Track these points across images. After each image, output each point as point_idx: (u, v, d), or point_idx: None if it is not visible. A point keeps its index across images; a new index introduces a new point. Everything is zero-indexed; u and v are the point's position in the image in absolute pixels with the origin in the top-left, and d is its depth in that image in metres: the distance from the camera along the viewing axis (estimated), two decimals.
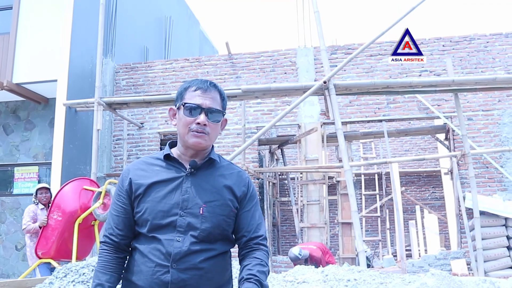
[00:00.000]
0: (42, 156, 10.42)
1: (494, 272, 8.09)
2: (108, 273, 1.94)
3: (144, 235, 1.91)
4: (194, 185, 1.94)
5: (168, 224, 1.87)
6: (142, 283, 1.87)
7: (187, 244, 1.85)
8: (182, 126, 1.96)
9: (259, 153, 12.22)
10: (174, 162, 2.00)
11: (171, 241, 1.85)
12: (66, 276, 5.44)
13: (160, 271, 1.84)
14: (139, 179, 1.96)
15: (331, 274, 5.44)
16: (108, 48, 11.03)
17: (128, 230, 1.97)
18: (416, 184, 15.60)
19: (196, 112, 1.93)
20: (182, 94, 1.99)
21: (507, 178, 9.08)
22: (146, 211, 1.90)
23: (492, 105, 9.46)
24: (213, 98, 1.96)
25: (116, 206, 2.00)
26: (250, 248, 1.98)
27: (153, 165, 2.01)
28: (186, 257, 1.84)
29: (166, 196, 1.91)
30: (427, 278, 4.86)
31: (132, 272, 1.92)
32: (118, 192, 2.01)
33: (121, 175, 2.04)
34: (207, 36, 19.80)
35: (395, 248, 13.17)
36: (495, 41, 9.70)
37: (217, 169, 2.02)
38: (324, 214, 9.82)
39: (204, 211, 1.90)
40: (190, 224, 1.87)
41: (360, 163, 11.39)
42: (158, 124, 10.63)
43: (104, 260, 1.96)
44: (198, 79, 2.01)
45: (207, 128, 1.93)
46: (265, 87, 8.39)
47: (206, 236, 1.89)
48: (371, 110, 9.90)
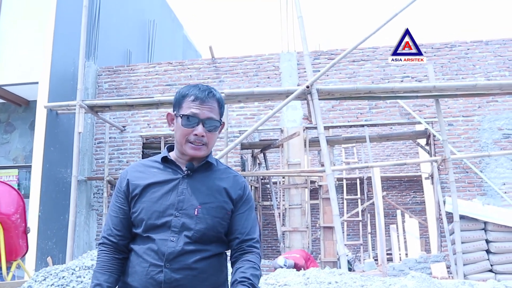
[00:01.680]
0: (22, 159, 10.30)
1: (473, 275, 8.19)
2: (107, 273, 1.94)
3: (140, 235, 1.93)
4: (190, 187, 1.96)
5: (163, 224, 1.89)
6: (136, 283, 1.89)
7: (181, 244, 1.86)
8: (180, 136, 1.97)
9: (242, 157, 12.22)
10: (171, 164, 2.02)
11: (165, 241, 1.87)
12: (45, 280, 5.38)
13: (154, 270, 1.85)
14: (136, 180, 1.98)
15: (313, 277, 5.46)
16: (90, 50, 10.94)
17: (126, 231, 1.98)
18: (397, 189, 15.73)
19: (193, 122, 1.94)
20: (180, 102, 1.99)
21: (487, 183, 9.19)
22: (142, 211, 1.92)
23: (472, 111, 9.58)
24: (211, 108, 1.97)
25: (114, 207, 2.01)
26: (243, 251, 1.99)
27: (151, 167, 2.04)
28: (180, 257, 1.86)
29: (162, 197, 1.93)
30: (407, 281, 4.90)
31: (128, 273, 1.94)
32: (117, 193, 2.02)
33: (120, 176, 2.06)
34: (190, 40, 19.77)
35: (376, 252, 13.26)
36: (475, 48, 9.84)
37: (213, 172, 2.04)
38: (306, 218, 9.85)
39: (199, 212, 1.91)
40: (185, 224, 1.89)
41: (342, 168, 11.45)
42: (140, 127, 10.57)
43: (103, 260, 1.96)
44: (196, 87, 2.00)
45: (205, 139, 1.95)
46: (248, 91, 8.40)
47: (200, 237, 1.90)
48: (353, 115, 9.97)
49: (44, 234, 9.18)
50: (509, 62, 9.67)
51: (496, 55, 9.74)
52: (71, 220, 8.14)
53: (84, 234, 10.14)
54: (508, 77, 9.54)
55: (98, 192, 10.46)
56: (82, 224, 10.15)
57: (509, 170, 9.24)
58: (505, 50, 9.74)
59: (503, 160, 9.29)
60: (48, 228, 9.27)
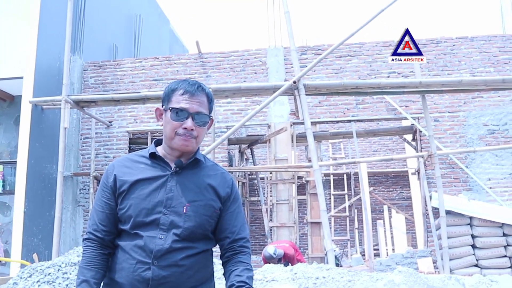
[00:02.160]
0: (7, 154, 10.19)
1: (459, 270, 8.26)
2: (93, 269, 1.91)
3: (127, 232, 1.91)
4: (179, 184, 1.94)
5: (151, 221, 1.88)
6: (123, 280, 1.88)
7: (169, 242, 1.86)
8: (169, 130, 1.94)
9: (229, 153, 12.20)
10: (159, 161, 2.00)
11: (153, 238, 1.86)
12: (31, 277, 5.34)
13: (141, 268, 1.84)
14: (123, 176, 1.96)
15: (300, 272, 5.47)
16: (76, 45, 10.84)
17: (112, 226, 1.96)
18: (384, 184, 15.81)
19: (183, 116, 1.92)
20: (170, 96, 1.96)
21: (472, 179, 9.28)
22: (130, 208, 1.90)
23: (458, 106, 9.65)
24: (200, 102, 1.95)
25: (100, 202, 1.98)
26: (234, 251, 2.00)
27: (138, 162, 2.01)
28: (167, 254, 1.85)
29: (150, 194, 1.91)
30: (394, 276, 4.93)
31: (114, 270, 1.93)
32: (103, 188, 1.99)
33: (106, 171, 2.03)
34: (177, 35, 19.68)
35: (363, 247, 13.33)
36: (461, 44, 9.90)
37: (201, 169, 2.03)
38: (294, 214, 9.87)
39: (187, 210, 1.91)
40: (173, 222, 1.88)
41: (329, 163, 11.49)
42: (127, 122, 10.50)
43: (89, 256, 1.93)
44: (186, 81, 1.98)
45: (194, 133, 1.93)
46: (235, 86, 8.39)
47: (188, 234, 1.89)
48: (340, 110, 9.99)
49: (30, 230, 9.10)
50: (494, 58, 9.75)
51: (481, 51, 9.82)
52: (57, 216, 8.08)
53: (71, 231, 10.06)
54: (493, 73, 9.63)
55: (84, 188, 10.39)
56: (68, 220, 10.07)
57: (494, 165, 9.32)
58: (490, 46, 9.82)
59: (488, 156, 9.37)
60: (33, 224, 9.19)
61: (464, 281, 5.35)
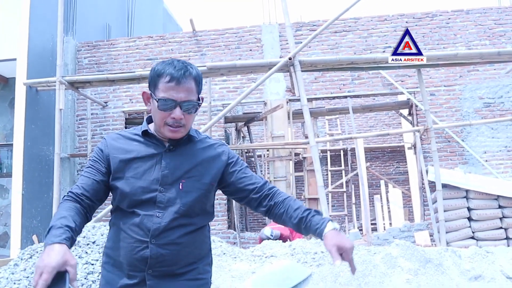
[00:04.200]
0: (3, 137, 10.17)
1: (456, 243, 8.34)
2: (72, 211, 1.80)
3: (124, 211, 1.91)
4: (173, 161, 1.93)
5: (148, 200, 1.87)
6: (122, 259, 1.88)
7: (167, 220, 1.86)
8: (158, 119, 1.91)
9: (226, 131, 12.20)
10: (152, 139, 1.98)
11: (150, 216, 1.86)
12: (31, 258, 5.38)
13: (139, 246, 1.85)
14: (117, 153, 1.95)
15: (299, 247, 5.52)
16: (69, 25, 10.74)
17: (94, 194, 1.91)
18: (381, 159, 15.87)
19: (170, 106, 1.86)
20: (156, 82, 1.89)
21: (468, 152, 9.31)
22: (126, 187, 1.89)
23: (453, 80, 9.64)
24: (188, 90, 1.87)
25: (89, 169, 1.95)
26: (269, 196, 2.03)
27: (132, 139, 2.00)
28: (165, 232, 1.85)
29: (145, 172, 1.91)
30: (392, 249, 4.98)
31: (113, 248, 1.93)
32: (96, 157, 1.97)
33: (100, 144, 2.00)
34: (170, 14, 19.50)
35: (361, 222, 13.42)
36: (456, 17, 9.85)
37: (195, 144, 2.02)
38: (291, 190, 9.91)
39: (183, 186, 1.90)
40: (170, 199, 1.88)
41: (326, 139, 11.47)
42: (122, 103, 10.47)
43: (66, 204, 1.84)
44: (172, 64, 1.88)
45: (183, 121, 1.90)
46: (231, 64, 8.33)
47: (186, 210, 1.89)
48: (336, 86, 9.97)
49: (29, 212, 9.13)
50: (490, 31, 9.72)
51: (476, 24, 9.77)
52: (55, 197, 8.10)
53: None
54: (488, 46, 9.60)
55: (81, 169, 10.39)
56: None
57: (489, 138, 9.36)
58: (485, 19, 9.77)
59: (484, 129, 9.40)
60: (32, 206, 9.21)
61: (461, 253, 5.41)
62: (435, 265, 4.94)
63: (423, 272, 4.83)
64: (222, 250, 6.13)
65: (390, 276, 4.77)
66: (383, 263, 4.93)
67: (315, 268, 5.15)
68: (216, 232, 9.52)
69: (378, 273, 4.80)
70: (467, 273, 4.92)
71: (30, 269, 5.17)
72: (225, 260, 5.70)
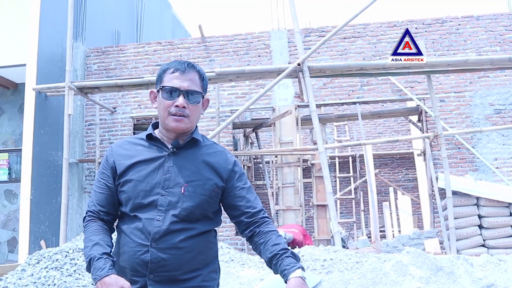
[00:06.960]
0: (12, 142, 10.19)
1: (466, 250, 8.26)
2: (100, 233, 1.91)
3: (127, 214, 1.91)
4: (176, 165, 1.93)
5: (149, 203, 1.87)
6: (125, 263, 1.88)
7: (167, 223, 1.84)
8: (162, 109, 1.94)
9: (234, 137, 12.17)
10: (156, 142, 1.99)
11: (151, 220, 1.85)
12: (39, 263, 5.36)
13: (140, 250, 1.84)
14: (122, 159, 1.96)
15: (308, 254, 5.47)
16: (78, 31, 10.78)
17: (110, 207, 1.97)
18: (390, 166, 15.78)
19: (174, 94, 1.91)
20: (161, 76, 1.96)
21: (478, 159, 9.23)
22: (128, 190, 1.90)
23: (463, 86, 9.58)
24: (191, 80, 1.93)
25: (99, 183, 1.99)
26: (258, 223, 1.99)
27: (136, 144, 2.01)
28: (166, 236, 1.84)
29: (148, 175, 1.91)
30: (403, 256, 4.92)
31: (117, 253, 1.93)
32: (102, 170, 2.00)
33: (106, 153, 2.04)
34: (179, 20, 19.55)
35: (369, 229, 13.34)
36: (466, 23, 9.79)
37: (200, 149, 2.01)
38: (299, 197, 9.87)
39: (185, 191, 1.89)
40: (171, 203, 1.87)
41: (334, 145, 11.43)
42: (131, 108, 10.48)
43: (91, 226, 1.94)
44: (176, 61, 1.97)
45: (187, 111, 1.91)
46: (239, 70, 8.32)
47: (187, 215, 1.88)
48: (345, 92, 9.93)
49: (37, 217, 9.13)
50: (500, 37, 9.65)
51: (487, 30, 9.71)
52: (63, 203, 8.09)
53: (77, 217, 10.10)
54: (499, 52, 9.53)
55: (90, 174, 10.40)
56: (74, 207, 10.10)
57: (500, 145, 9.27)
58: (496, 25, 9.71)
59: (494, 136, 9.32)
60: (40, 211, 9.22)
61: (472, 261, 5.34)
62: (447, 273, 4.87)
63: (434, 280, 4.76)
64: (230, 256, 6.09)
65: (400, 284, 4.70)
66: (393, 270, 4.86)
67: (324, 275, 5.10)
68: (224, 238, 9.48)
69: (389, 281, 4.74)
70: (479, 282, 4.84)
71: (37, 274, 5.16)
72: (233, 266, 5.66)
